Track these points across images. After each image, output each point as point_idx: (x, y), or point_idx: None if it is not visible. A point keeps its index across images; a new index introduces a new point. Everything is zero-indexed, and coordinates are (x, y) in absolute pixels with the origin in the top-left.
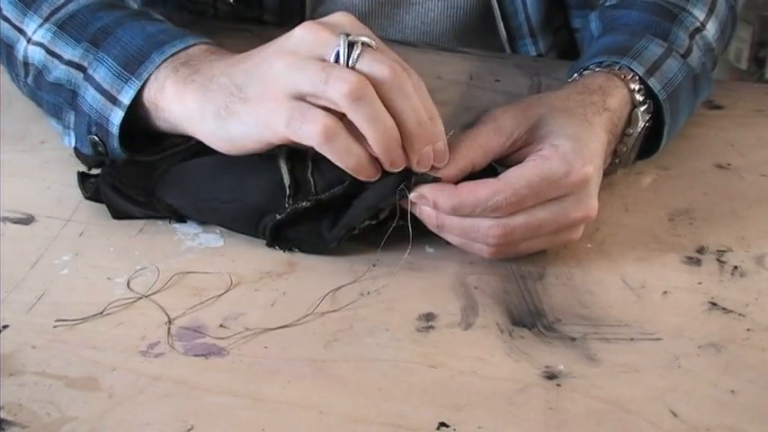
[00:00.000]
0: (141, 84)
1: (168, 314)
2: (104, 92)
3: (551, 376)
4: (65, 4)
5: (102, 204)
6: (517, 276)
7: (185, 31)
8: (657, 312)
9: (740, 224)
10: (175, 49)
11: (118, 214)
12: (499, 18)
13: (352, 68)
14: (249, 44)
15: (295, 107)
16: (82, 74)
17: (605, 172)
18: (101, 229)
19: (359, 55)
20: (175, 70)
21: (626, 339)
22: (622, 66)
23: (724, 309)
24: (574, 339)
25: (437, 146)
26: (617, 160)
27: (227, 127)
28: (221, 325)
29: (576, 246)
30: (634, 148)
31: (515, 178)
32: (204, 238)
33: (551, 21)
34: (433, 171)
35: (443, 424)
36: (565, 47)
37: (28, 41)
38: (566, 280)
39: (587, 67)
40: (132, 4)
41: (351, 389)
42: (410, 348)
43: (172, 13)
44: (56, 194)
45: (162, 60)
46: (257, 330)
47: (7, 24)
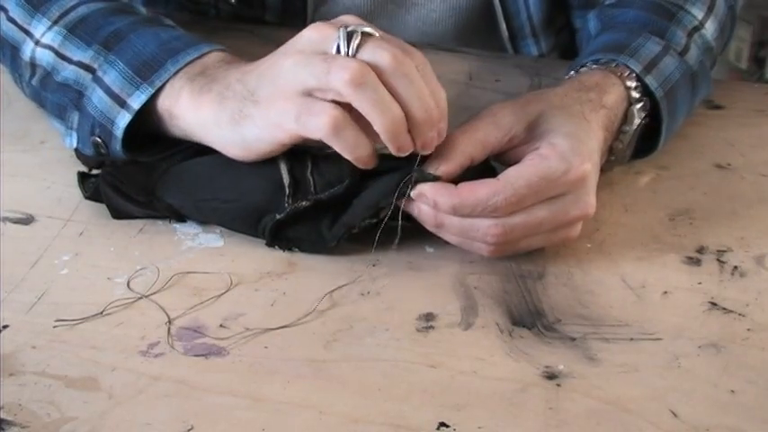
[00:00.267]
0: (154, 91)
1: (168, 314)
2: (113, 95)
3: (551, 376)
4: (74, 7)
5: (102, 204)
6: (517, 276)
7: (198, 38)
8: (657, 312)
9: (740, 224)
10: (190, 58)
11: (118, 214)
12: (501, 18)
13: (353, 57)
14: (249, 44)
15: (303, 102)
16: (90, 75)
17: (602, 169)
18: (101, 229)
19: (359, 44)
20: (191, 80)
21: (626, 339)
22: (619, 63)
23: (724, 309)
24: (574, 339)
25: (439, 125)
26: (613, 157)
27: (241, 131)
28: (221, 325)
29: (576, 246)
30: (630, 146)
31: (515, 178)
32: (204, 238)
33: (554, 21)
34: (433, 167)
35: (443, 424)
36: (567, 47)
37: (36, 43)
38: (566, 280)
39: (584, 65)
40: (137, 6)
41: (351, 389)
42: (410, 348)
43: (173, 13)
44: (56, 194)
45: (176, 69)
46: (257, 330)
47: (13, 26)
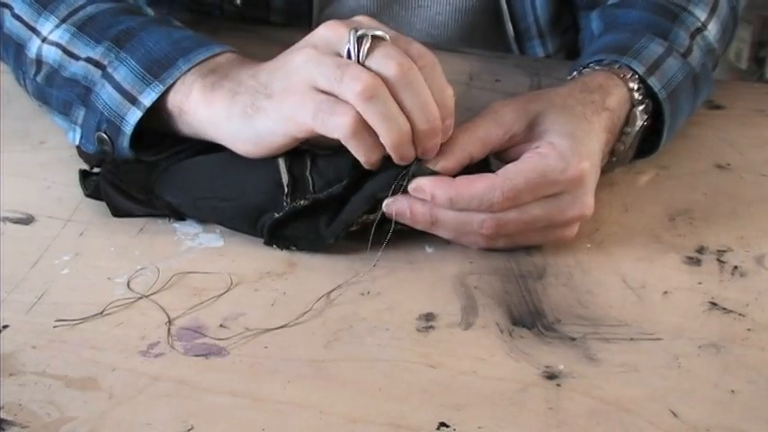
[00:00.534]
0: (165, 88)
1: (168, 314)
2: (124, 91)
3: (551, 376)
4: (83, 6)
5: (102, 204)
6: (517, 276)
7: (210, 39)
8: (657, 312)
9: (740, 224)
10: (201, 57)
11: (117, 212)
12: (508, 20)
13: (362, 64)
14: (252, 44)
15: (323, 100)
16: (100, 71)
17: (603, 170)
18: (101, 229)
19: (368, 50)
20: (203, 76)
21: (626, 339)
22: (622, 65)
23: (724, 309)
24: (574, 339)
25: (445, 123)
26: (614, 159)
27: (253, 124)
28: (221, 325)
29: (576, 246)
30: (632, 147)
31: (512, 174)
32: (204, 238)
33: (560, 22)
34: (432, 163)
35: (443, 424)
36: (573, 47)
37: (43, 40)
38: (566, 280)
39: (587, 65)
40: (143, 7)
41: (351, 389)
42: (410, 348)
43: (177, 14)
44: (56, 194)
45: (188, 67)
46: (257, 330)
47: (19, 23)
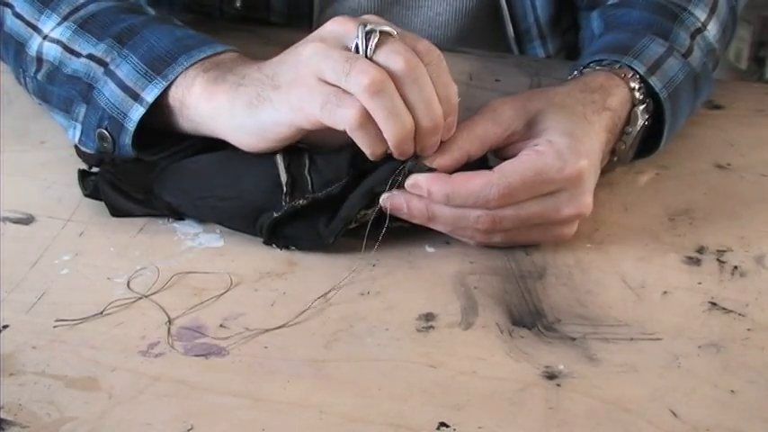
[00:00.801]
0: (167, 84)
1: (168, 314)
2: (126, 88)
3: (551, 376)
4: (85, 5)
5: (102, 204)
6: (517, 276)
7: (213, 39)
8: (657, 312)
9: (740, 224)
10: (204, 55)
11: (116, 212)
12: (508, 21)
13: (370, 59)
14: (251, 45)
15: (330, 92)
16: (102, 68)
17: (604, 170)
18: (101, 229)
19: (375, 45)
20: (206, 71)
21: (626, 339)
22: (623, 64)
23: (724, 309)
24: (574, 339)
25: (448, 120)
26: (615, 158)
27: (258, 115)
28: (221, 325)
29: (576, 245)
30: (633, 147)
31: (509, 171)
32: (204, 238)
33: (560, 22)
34: (429, 160)
35: (443, 424)
36: (573, 48)
37: (44, 38)
38: (566, 280)
39: (587, 65)
40: (144, 6)
41: (351, 389)
42: (410, 348)
43: (177, 15)
44: (56, 194)
45: (190, 64)
46: (257, 330)
47: (20, 21)
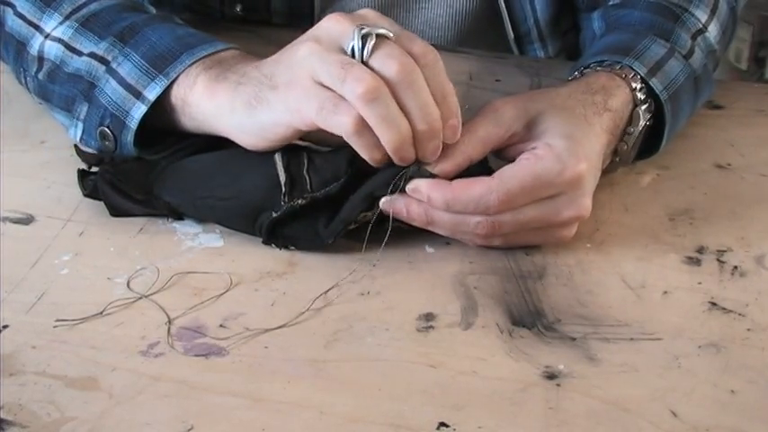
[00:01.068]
0: (169, 82)
1: (168, 314)
2: (128, 86)
3: (551, 376)
4: (86, 4)
5: (102, 204)
6: (517, 276)
7: (214, 37)
8: (657, 312)
9: (740, 224)
10: (205, 53)
11: (116, 212)
12: (508, 24)
13: (365, 63)
14: (251, 45)
15: (327, 97)
16: (104, 66)
17: (606, 170)
18: (101, 229)
19: (371, 50)
20: (207, 69)
21: (626, 339)
22: (624, 65)
23: (724, 309)
24: (574, 339)
25: (450, 122)
26: (617, 159)
27: (257, 116)
28: (221, 325)
29: (576, 246)
30: (634, 147)
31: (509, 177)
32: (204, 238)
33: (559, 24)
34: (431, 165)
35: (443, 424)
36: (573, 50)
37: (46, 37)
38: (566, 280)
39: (588, 66)
40: (146, 5)
41: (351, 389)
42: (410, 348)
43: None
44: (56, 194)
45: (192, 61)
46: (257, 330)
47: (21, 21)
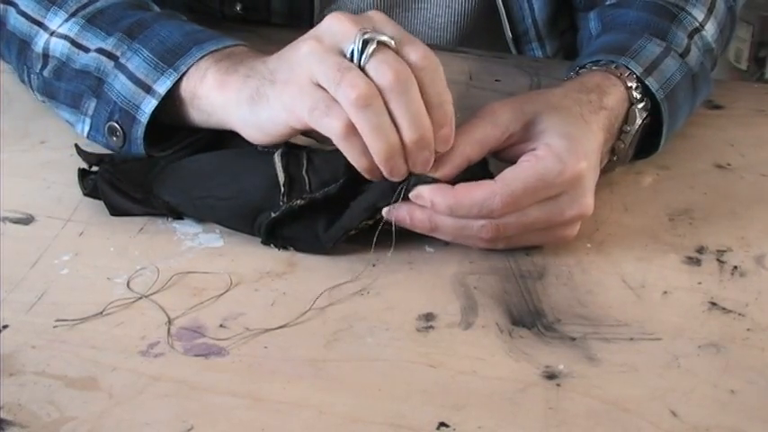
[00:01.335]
0: (179, 75)
1: (168, 314)
2: (138, 81)
3: (551, 376)
4: (92, 2)
5: (102, 204)
6: (517, 276)
7: (222, 34)
8: (657, 312)
9: (740, 224)
10: (214, 47)
11: (115, 211)
12: (506, 23)
13: (362, 68)
14: (255, 45)
15: (320, 98)
16: (112, 62)
17: (604, 170)
18: (101, 229)
19: (369, 56)
20: (218, 62)
21: (626, 339)
22: (619, 64)
23: (724, 309)
24: (574, 339)
25: (443, 131)
26: (615, 157)
27: (257, 110)
28: (221, 325)
29: (576, 246)
30: (632, 146)
31: (511, 179)
32: (204, 238)
33: (557, 23)
34: (431, 170)
35: (443, 424)
36: (571, 49)
37: (51, 34)
38: (566, 280)
39: (584, 66)
40: (150, 4)
41: (351, 389)
42: (410, 348)
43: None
44: (56, 194)
45: (202, 55)
46: (257, 330)
47: (24, 19)
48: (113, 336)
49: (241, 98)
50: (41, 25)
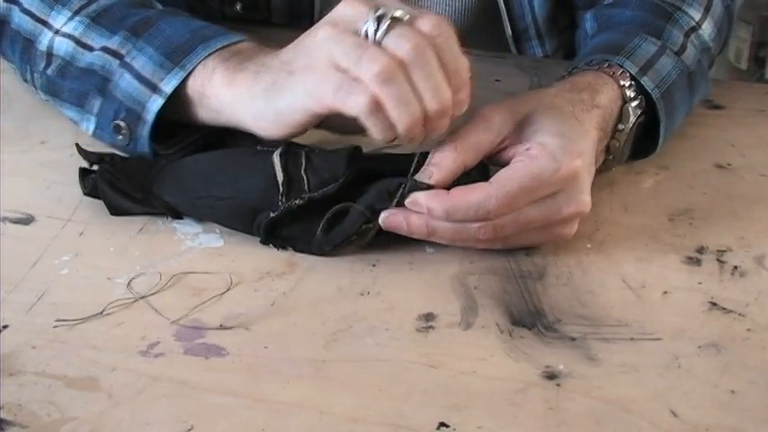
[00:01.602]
0: (185, 74)
1: (168, 314)
2: (144, 80)
3: (551, 376)
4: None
5: (102, 204)
6: (517, 276)
7: (228, 30)
8: (657, 312)
9: (740, 224)
10: (221, 45)
11: (115, 211)
12: (506, 21)
13: (379, 44)
14: None
15: (343, 79)
16: (118, 60)
17: (601, 169)
18: (101, 229)
19: (385, 31)
20: (225, 60)
21: (626, 339)
22: (613, 63)
23: (724, 309)
24: (574, 339)
25: (459, 95)
26: (611, 156)
27: (274, 102)
28: (221, 325)
29: (576, 246)
30: (627, 144)
31: (506, 180)
32: (204, 239)
33: (557, 21)
34: (426, 176)
35: (443, 424)
36: (570, 47)
37: (56, 33)
38: (566, 280)
39: (578, 66)
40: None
41: (351, 389)
42: (410, 348)
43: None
44: (56, 194)
45: (208, 53)
46: (257, 330)
47: (28, 18)
48: (113, 336)
49: (254, 92)
50: (46, 24)
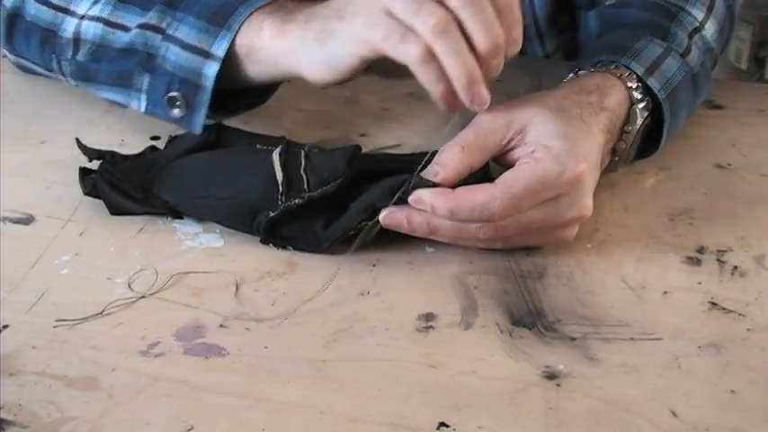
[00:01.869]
0: (233, 34)
1: (168, 314)
2: (192, 48)
3: (551, 376)
4: None
5: (102, 204)
6: (517, 276)
7: None
8: (657, 312)
9: (740, 224)
10: (263, 2)
11: (115, 210)
12: None
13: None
14: None
15: (394, 25)
16: (160, 35)
17: (606, 170)
18: (101, 229)
19: None
20: (271, 13)
21: (626, 339)
22: (620, 65)
23: (724, 309)
24: (574, 339)
25: (513, 33)
26: (617, 158)
27: (325, 48)
28: (221, 325)
29: (577, 246)
30: (633, 146)
31: (511, 182)
32: (204, 238)
33: (558, 21)
34: (432, 174)
35: (443, 424)
36: (571, 47)
37: (81, 18)
38: (566, 280)
39: (584, 67)
40: None
41: (351, 389)
42: (410, 348)
43: None
44: (56, 194)
45: (251, 11)
46: (257, 330)
47: (46, 8)
48: (113, 336)
49: (306, 39)
50: (68, 11)
